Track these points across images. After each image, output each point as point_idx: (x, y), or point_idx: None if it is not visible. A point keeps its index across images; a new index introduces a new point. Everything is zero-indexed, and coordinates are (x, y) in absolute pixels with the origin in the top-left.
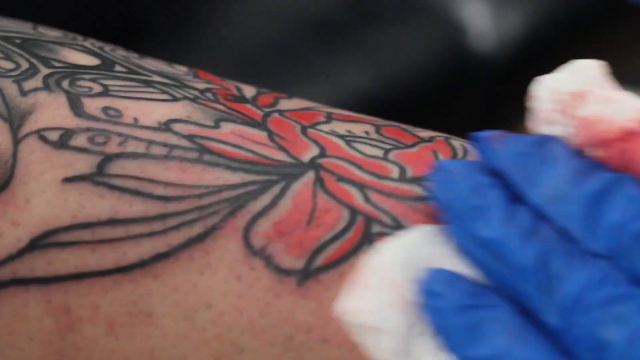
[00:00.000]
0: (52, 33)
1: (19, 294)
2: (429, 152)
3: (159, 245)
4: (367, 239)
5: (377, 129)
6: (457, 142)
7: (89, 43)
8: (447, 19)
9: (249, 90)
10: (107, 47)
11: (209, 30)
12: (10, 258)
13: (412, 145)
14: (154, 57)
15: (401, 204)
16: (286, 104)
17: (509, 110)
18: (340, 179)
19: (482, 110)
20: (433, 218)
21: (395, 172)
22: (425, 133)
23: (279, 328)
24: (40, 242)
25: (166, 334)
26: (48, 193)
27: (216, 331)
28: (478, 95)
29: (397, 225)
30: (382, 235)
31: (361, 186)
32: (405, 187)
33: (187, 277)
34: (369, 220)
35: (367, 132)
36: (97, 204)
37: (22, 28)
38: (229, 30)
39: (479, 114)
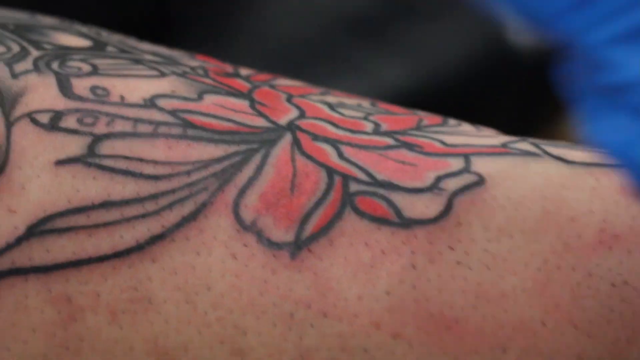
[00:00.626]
0: (49, 20)
1: (19, 285)
2: (413, 117)
3: (153, 226)
4: (348, 200)
5: (373, 103)
6: (454, 121)
7: (86, 29)
8: (485, 12)
9: (246, 70)
10: (104, 32)
11: (245, 27)
12: (9, 247)
13: (401, 114)
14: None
15: (372, 154)
16: (283, 81)
17: (548, 106)
18: (315, 137)
19: (520, 106)
20: (404, 163)
21: (369, 127)
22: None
23: (279, 306)
24: (37, 229)
25: (169, 319)
26: (42, 177)
27: (217, 314)
28: (517, 90)
29: (371, 179)
30: (360, 194)
31: (335, 142)
32: (377, 138)
33: (184, 259)
34: (346, 178)
35: (359, 104)
36: (90, 186)
37: (18, 16)
38: (264, 26)
39: (517, 109)
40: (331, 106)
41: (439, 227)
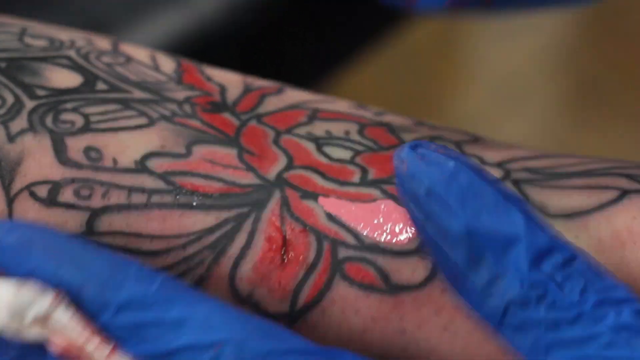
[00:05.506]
0: (38, 43)
1: None
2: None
3: None
4: (337, 269)
5: (361, 128)
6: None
7: (74, 52)
8: None
9: (233, 88)
10: (93, 54)
11: None
12: None
13: (388, 148)
14: None
15: (360, 211)
16: (270, 103)
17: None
18: (304, 195)
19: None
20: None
21: (356, 176)
22: (412, 135)
23: None
24: None
25: None
26: None
27: None
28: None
29: (359, 242)
30: (348, 260)
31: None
32: (364, 191)
33: None
34: (334, 244)
35: (347, 132)
36: None
37: (8, 41)
38: None
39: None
40: (318, 144)
41: (425, 293)
